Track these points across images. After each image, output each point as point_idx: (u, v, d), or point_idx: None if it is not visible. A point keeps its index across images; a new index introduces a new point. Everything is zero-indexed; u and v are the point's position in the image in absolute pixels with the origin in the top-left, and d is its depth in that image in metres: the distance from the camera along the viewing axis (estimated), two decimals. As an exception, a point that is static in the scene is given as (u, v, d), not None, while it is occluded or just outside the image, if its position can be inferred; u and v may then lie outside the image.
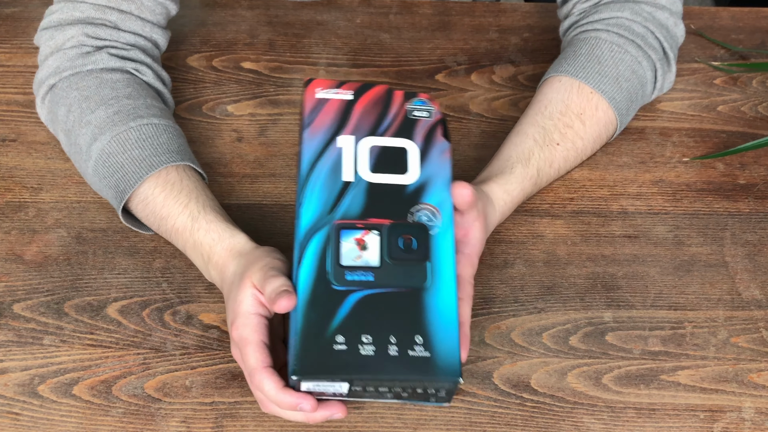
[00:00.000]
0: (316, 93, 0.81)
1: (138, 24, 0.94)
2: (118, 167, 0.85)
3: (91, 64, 0.90)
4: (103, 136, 0.86)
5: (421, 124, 0.80)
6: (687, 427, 0.78)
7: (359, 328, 0.70)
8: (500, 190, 0.87)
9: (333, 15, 1.13)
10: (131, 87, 0.90)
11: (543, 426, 0.78)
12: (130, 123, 0.86)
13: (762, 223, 0.93)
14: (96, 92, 0.89)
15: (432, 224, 0.75)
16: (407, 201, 0.76)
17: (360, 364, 0.69)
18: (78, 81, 0.90)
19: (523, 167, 0.88)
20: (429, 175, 0.77)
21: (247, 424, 0.77)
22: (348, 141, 0.78)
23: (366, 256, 0.73)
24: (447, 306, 0.72)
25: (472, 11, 1.14)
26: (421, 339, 0.70)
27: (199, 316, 0.84)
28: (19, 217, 0.91)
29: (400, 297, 0.72)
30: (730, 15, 1.14)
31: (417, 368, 0.69)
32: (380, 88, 0.82)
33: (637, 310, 0.86)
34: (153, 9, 0.94)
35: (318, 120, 0.79)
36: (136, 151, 0.85)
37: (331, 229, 0.74)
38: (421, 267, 0.73)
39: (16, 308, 0.84)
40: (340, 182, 0.76)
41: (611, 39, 0.94)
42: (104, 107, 0.88)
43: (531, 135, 0.90)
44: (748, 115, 1.03)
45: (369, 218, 0.74)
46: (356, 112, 0.80)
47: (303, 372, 0.69)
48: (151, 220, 0.85)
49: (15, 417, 0.77)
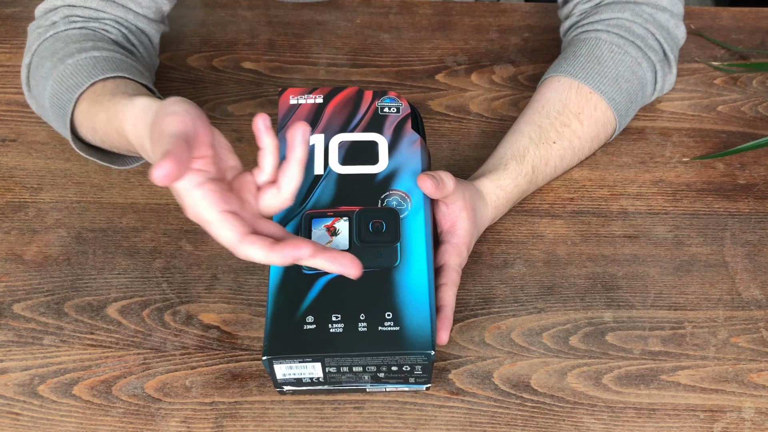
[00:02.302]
0: (289, 100, 0.84)
1: (119, 10, 0.93)
2: (60, 103, 0.86)
3: (52, 30, 0.91)
4: (48, 83, 0.87)
5: (390, 119, 0.83)
6: (687, 427, 0.78)
7: (329, 308, 0.71)
8: (492, 185, 0.87)
9: (333, 15, 1.13)
10: (84, 37, 0.91)
11: (543, 426, 0.78)
12: (68, 60, 0.87)
13: (762, 223, 0.93)
14: (48, 49, 0.90)
15: (402, 208, 0.77)
16: (377, 188, 0.78)
17: (330, 341, 0.70)
18: (43, 50, 0.91)
19: (518, 164, 0.89)
20: (398, 164, 0.80)
21: (247, 424, 0.77)
22: (319, 139, 0.81)
23: (336, 241, 0.75)
24: (417, 284, 0.73)
25: (472, 11, 1.14)
26: (390, 315, 0.71)
27: (199, 316, 0.84)
28: (19, 217, 0.91)
29: (370, 277, 0.73)
30: (730, 15, 1.14)
31: (387, 342, 0.70)
32: (350, 90, 0.85)
33: (637, 310, 0.86)
34: (139, 1, 0.94)
35: (290, 124, 0.82)
36: (70, 80, 0.85)
37: (302, 218, 0.76)
38: (391, 248, 0.75)
39: (16, 308, 0.84)
40: (311, 176, 0.79)
41: (611, 40, 0.94)
42: (51, 57, 0.88)
43: (527, 133, 0.90)
44: (748, 115, 1.03)
45: (339, 206, 0.77)
46: (327, 113, 0.83)
47: (272, 352, 0.70)
48: (90, 136, 0.85)
49: (15, 417, 0.77)
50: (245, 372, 0.80)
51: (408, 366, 0.72)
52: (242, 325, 0.83)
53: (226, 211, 0.62)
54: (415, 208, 0.77)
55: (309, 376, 0.72)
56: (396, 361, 0.71)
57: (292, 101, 0.84)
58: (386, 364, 0.71)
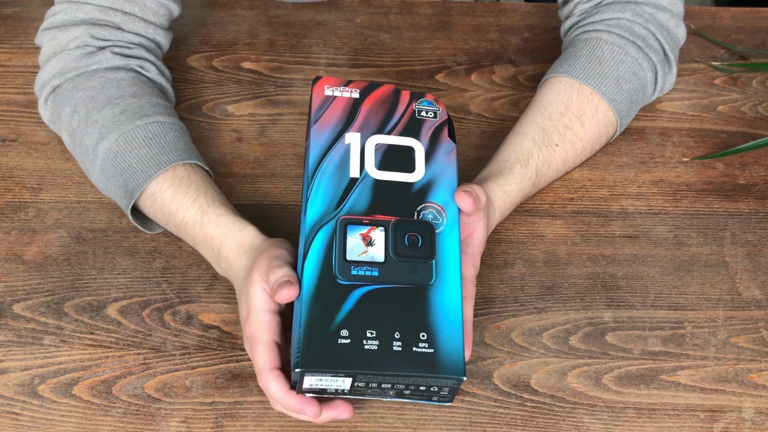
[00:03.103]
0: (324, 90, 0.81)
1: (141, 25, 0.94)
2: (126, 166, 0.85)
3: (95, 64, 0.91)
4: (110, 135, 0.86)
5: (427, 125, 0.81)
6: (687, 427, 0.78)
7: (364, 323, 0.70)
8: (499, 190, 0.87)
9: (333, 15, 1.13)
10: (136, 85, 0.91)
11: (543, 426, 0.78)
12: (137, 122, 0.87)
13: (762, 223, 0.93)
14: (101, 92, 0.89)
15: (438, 222, 0.75)
16: (413, 199, 0.77)
17: (364, 358, 0.69)
18: (83, 81, 0.90)
19: (522, 168, 0.88)
20: (435, 175, 0.78)
21: (247, 424, 0.77)
22: (355, 138, 0.79)
23: (371, 252, 0.73)
24: (452, 304, 0.72)
25: (472, 11, 1.14)
26: (425, 335, 0.70)
27: (199, 316, 0.84)
28: (19, 217, 0.91)
29: (405, 293, 0.72)
30: (730, 15, 1.14)
31: (420, 364, 0.70)
32: (387, 88, 0.83)
33: (637, 310, 0.86)
34: (156, 11, 0.94)
35: (326, 116, 0.80)
36: (143, 149, 0.85)
37: (337, 223, 0.74)
38: (426, 265, 0.73)
39: (16, 308, 0.84)
40: (347, 178, 0.77)
41: (612, 40, 0.94)
42: (110, 106, 0.88)
43: (530, 136, 0.90)
44: (748, 115, 1.03)
45: (375, 214, 0.75)
46: (363, 110, 0.80)
47: (306, 365, 0.69)
48: (159, 216, 0.86)
49: (15, 417, 0.77)
50: (245, 372, 0.80)
51: (436, 387, 0.71)
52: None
53: (274, 341, 0.74)
54: (451, 224, 0.76)
55: (335, 388, 0.71)
56: (427, 383, 0.71)
57: (327, 92, 0.81)
58: (416, 385, 0.71)
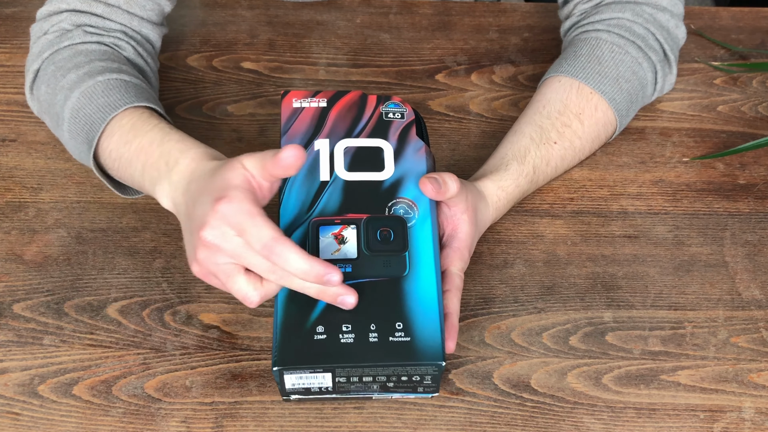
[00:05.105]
0: (292, 103, 0.84)
1: (125, 17, 0.93)
2: (87, 118, 0.85)
3: (67, 41, 0.90)
4: (72, 95, 0.86)
5: (395, 125, 0.83)
6: (687, 427, 0.78)
7: (339, 318, 0.71)
8: (494, 186, 0.87)
9: (333, 15, 1.13)
10: (107, 56, 0.90)
11: (543, 426, 0.78)
12: (98, 77, 0.86)
13: (762, 223, 0.93)
14: (69, 60, 0.89)
15: (409, 216, 0.77)
16: (383, 196, 0.78)
17: (341, 352, 0.70)
18: (54, 57, 0.90)
19: (519, 164, 0.89)
20: (404, 172, 0.80)
21: (247, 424, 0.77)
22: (324, 144, 0.81)
23: (344, 249, 0.75)
24: (427, 293, 0.73)
25: (472, 11, 1.14)
26: (401, 325, 0.71)
27: (199, 316, 0.84)
28: (19, 217, 0.91)
29: (380, 286, 0.73)
30: (730, 15, 1.14)
31: (398, 353, 0.70)
32: (354, 94, 0.85)
33: (637, 310, 0.86)
34: (143, 4, 0.94)
35: (294, 127, 0.82)
36: (102, 98, 0.85)
37: (309, 225, 0.76)
38: (399, 257, 0.75)
39: (16, 308, 0.84)
40: (317, 182, 0.78)
41: (612, 40, 0.94)
42: (75, 70, 0.87)
43: (528, 133, 0.90)
44: (748, 115, 1.03)
45: (346, 214, 0.76)
46: (331, 118, 0.83)
47: (284, 363, 0.70)
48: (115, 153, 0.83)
49: (15, 417, 0.77)
50: (245, 372, 0.80)
51: (418, 376, 0.72)
52: (242, 325, 0.83)
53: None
54: (422, 217, 0.77)
55: (318, 386, 0.72)
56: (407, 371, 0.71)
57: (296, 104, 0.84)
58: (396, 375, 0.72)
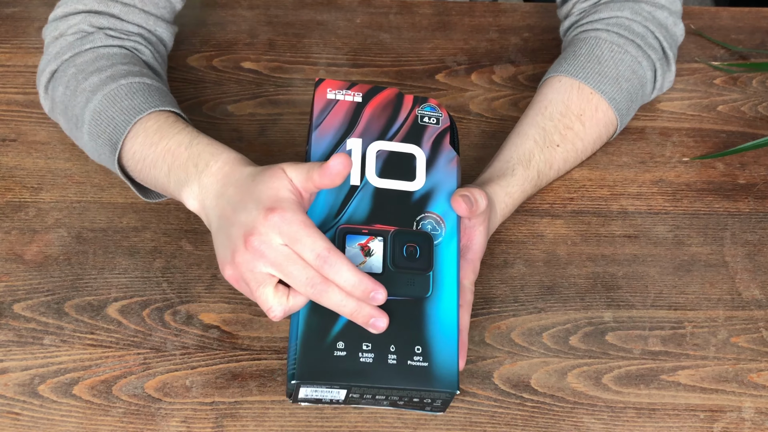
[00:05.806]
0: (326, 94, 0.80)
1: (141, 16, 0.93)
2: (110, 121, 0.84)
3: (89, 44, 0.90)
4: (95, 97, 0.86)
5: (429, 131, 0.80)
6: (687, 427, 0.78)
7: (360, 335, 0.70)
8: (502, 192, 0.86)
9: (333, 15, 1.13)
10: (128, 59, 0.90)
11: (543, 426, 0.78)
12: (121, 81, 0.86)
13: (762, 223, 0.93)
14: (91, 64, 0.89)
15: (436, 233, 0.75)
16: (413, 208, 0.76)
17: (359, 371, 0.69)
18: (75, 59, 0.90)
19: (524, 169, 0.88)
20: (435, 184, 0.77)
21: (247, 424, 0.77)
22: (357, 144, 0.78)
23: (370, 263, 0.73)
24: (447, 317, 0.72)
25: (472, 11, 1.14)
26: (420, 349, 0.71)
27: (199, 316, 0.84)
28: (19, 217, 0.91)
29: (402, 306, 0.72)
30: (730, 15, 1.14)
31: (415, 378, 0.70)
32: (390, 92, 0.82)
33: (637, 310, 0.86)
34: (157, 2, 0.94)
35: (327, 121, 0.79)
36: (125, 101, 0.84)
37: (336, 233, 0.74)
38: (423, 277, 0.73)
39: (16, 308, 0.84)
40: (347, 185, 0.76)
41: (611, 39, 0.94)
42: (97, 73, 0.87)
43: (531, 136, 0.90)
44: (748, 115, 1.03)
45: (374, 224, 0.75)
46: (366, 115, 0.79)
47: (303, 377, 0.69)
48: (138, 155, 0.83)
49: (15, 417, 0.77)
50: (245, 372, 0.80)
51: (429, 399, 0.72)
52: (242, 325, 0.83)
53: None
54: (449, 235, 0.75)
55: (330, 398, 0.72)
56: (420, 395, 0.71)
57: (330, 95, 0.80)
58: (409, 396, 0.71)
